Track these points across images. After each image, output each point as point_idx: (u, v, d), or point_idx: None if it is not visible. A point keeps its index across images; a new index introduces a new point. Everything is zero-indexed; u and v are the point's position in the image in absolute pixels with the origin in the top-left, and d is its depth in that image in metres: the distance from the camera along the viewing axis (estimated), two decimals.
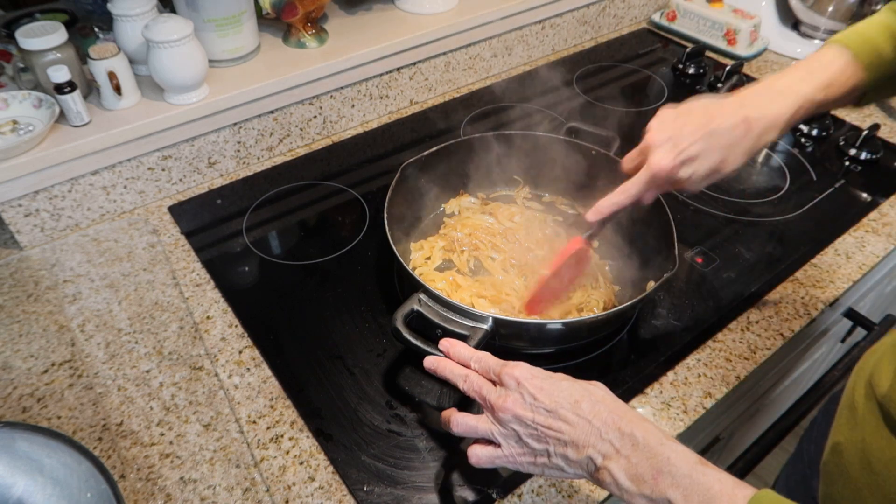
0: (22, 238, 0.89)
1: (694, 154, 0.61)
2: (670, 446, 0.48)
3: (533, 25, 1.26)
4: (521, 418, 0.51)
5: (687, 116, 0.63)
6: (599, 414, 0.50)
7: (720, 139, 0.61)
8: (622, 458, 0.48)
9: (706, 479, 0.45)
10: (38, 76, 0.86)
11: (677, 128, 0.62)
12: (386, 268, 0.87)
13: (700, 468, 0.46)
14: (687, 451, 0.48)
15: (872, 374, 0.56)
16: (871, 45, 0.63)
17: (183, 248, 0.90)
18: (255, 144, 1.03)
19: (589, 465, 0.50)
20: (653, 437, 0.49)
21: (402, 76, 1.14)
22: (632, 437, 0.49)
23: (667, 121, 0.64)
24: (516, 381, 0.53)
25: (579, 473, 0.51)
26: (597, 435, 0.49)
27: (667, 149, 0.62)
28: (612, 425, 0.49)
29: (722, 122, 0.62)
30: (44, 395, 0.72)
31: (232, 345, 0.77)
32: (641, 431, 0.49)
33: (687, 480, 0.46)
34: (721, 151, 0.62)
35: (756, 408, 1.09)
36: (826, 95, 0.63)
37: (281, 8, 0.99)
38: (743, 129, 0.61)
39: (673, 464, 0.47)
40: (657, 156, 0.62)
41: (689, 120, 0.62)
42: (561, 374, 0.54)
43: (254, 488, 0.64)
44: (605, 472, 0.48)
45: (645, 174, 0.64)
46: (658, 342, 0.78)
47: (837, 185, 1.02)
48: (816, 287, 0.86)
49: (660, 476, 0.46)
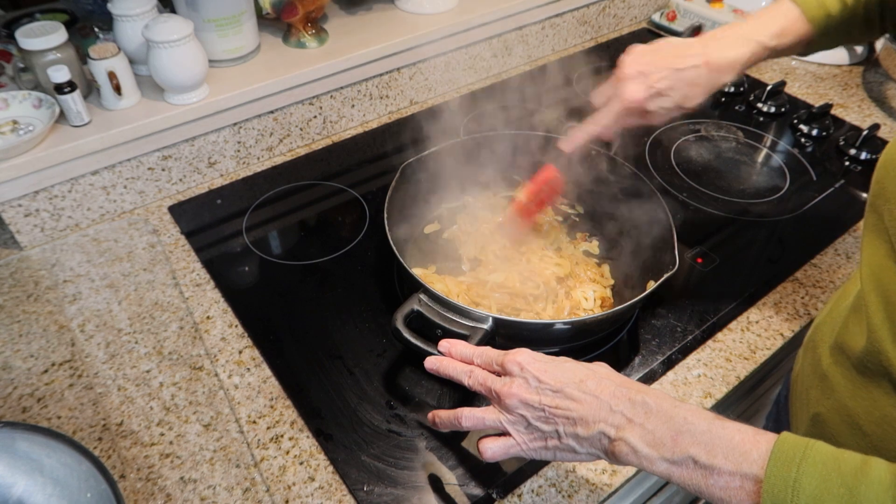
0: (22, 238, 0.89)
1: (662, 88, 0.67)
2: (684, 407, 0.48)
3: (533, 25, 1.26)
4: (528, 402, 0.51)
5: (655, 54, 0.69)
6: (606, 388, 0.50)
7: (684, 76, 0.68)
8: (636, 427, 0.48)
9: (726, 432, 0.45)
10: (38, 76, 0.86)
11: (647, 63, 0.68)
12: (386, 268, 0.87)
13: (718, 422, 0.46)
14: (701, 410, 0.48)
15: (839, 340, 0.56)
16: (818, 2, 0.70)
17: (183, 248, 0.90)
18: (255, 144, 1.03)
19: (602, 440, 0.49)
20: (665, 402, 0.49)
21: (402, 76, 1.14)
22: (644, 405, 0.49)
23: (638, 57, 0.69)
24: (520, 366, 0.53)
25: (592, 452, 0.50)
26: (606, 409, 0.49)
27: (639, 81, 0.67)
28: (622, 397, 0.49)
29: (687, 61, 0.68)
30: (44, 395, 0.72)
31: (232, 345, 0.77)
32: (653, 398, 0.49)
33: (707, 436, 0.46)
34: (685, 88, 0.68)
35: (756, 408, 1.09)
36: (778, 43, 0.70)
37: (281, 8, 0.99)
38: (705, 69, 0.68)
39: (691, 422, 0.47)
40: (630, 88, 0.67)
41: (658, 57, 0.68)
42: (563, 357, 0.54)
43: (254, 488, 0.64)
44: (621, 442, 0.48)
45: (617, 104, 0.69)
46: (658, 342, 0.78)
47: (837, 185, 1.02)
48: (816, 287, 0.86)
49: (679, 436, 0.46)
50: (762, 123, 1.17)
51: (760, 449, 0.44)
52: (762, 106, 1.19)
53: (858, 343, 0.53)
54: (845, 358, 0.55)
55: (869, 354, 0.51)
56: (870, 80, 1.28)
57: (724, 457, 0.44)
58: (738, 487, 0.43)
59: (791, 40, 0.70)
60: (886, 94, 1.24)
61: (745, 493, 0.43)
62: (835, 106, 1.19)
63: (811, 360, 0.63)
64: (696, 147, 1.11)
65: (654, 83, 0.67)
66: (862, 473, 0.40)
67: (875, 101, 1.23)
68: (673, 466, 0.46)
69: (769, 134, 1.14)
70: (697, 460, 0.45)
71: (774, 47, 0.70)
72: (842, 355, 0.56)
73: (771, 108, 1.18)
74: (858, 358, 0.53)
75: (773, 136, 1.14)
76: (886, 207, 0.49)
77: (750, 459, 0.43)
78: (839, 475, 0.41)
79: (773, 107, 1.18)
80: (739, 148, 1.11)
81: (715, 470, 0.44)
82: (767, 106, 1.18)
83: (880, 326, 0.49)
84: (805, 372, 0.64)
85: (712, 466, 0.44)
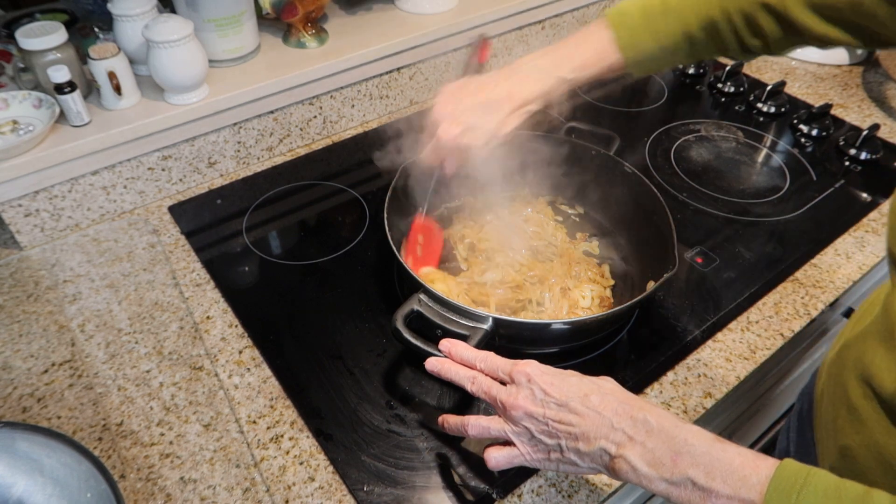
0: (22, 238, 0.89)
1: (471, 124, 0.71)
2: (686, 428, 0.48)
3: (533, 25, 1.26)
4: (533, 414, 0.52)
5: (461, 91, 0.72)
6: (609, 405, 0.50)
7: (491, 109, 0.71)
8: (637, 445, 0.48)
9: (726, 455, 0.45)
10: (39, 76, 0.86)
11: (455, 102, 0.71)
12: (386, 268, 0.87)
13: (718, 445, 0.46)
14: (702, 431, 0.48)
15: (867, 372, 0.55)
16: (630, 28, 0.72)
17: (183, 248, 0.90)
18: (255, 144, 1.03)
19: (602, 457, 0.49)
20: (667, 421, 0.49)
21: (402, 76, 1.14)
22: (645, 423, 0.49)
23: (447, 97, 0.72)
24: (527, 377, 0.53)
25: (593, 467, 0.51)
26: (608, 426, 0.49)
27: (449, 121, 0.71)
28: (624, 414, 0.49)
29: (491, 94, 0.71)
30: (44, 395, 0.72)
31: (232, 345, 0.77)
32: (654, 417, 0.49)
33: (707, 458, 0.45)
34: (494, 119, 0.71)
35: (756, 408, 1.09)
36: (578, 75, 0.73)
37: (281, 8, 0.99)
38: (507, 102, 0.71)
39: (691, 444, 0.47)
40: (442, 128, 0.71)
41: (464, 94, 0.72)
42: (570, 371, 0.54)
43: (254, 488, 0.64)
44: (621, 460, 0.48)
45: (434, 143, 0.72)
46: (658, 342, 0.78)
47: (837, 185, 1.02)
48: (816, 287, 0.86)
49: (679, 457, 0.46)
50: (762, 123, 1.17)
51: (760, 474, 0.43)
52: (762, 106, 1.19)
53: (888, 380, 0.51)
54: (874, 393, 0.54)
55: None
56: (870, 80, 1.28)
57: (722, 480, 0.44)
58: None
59: (596, 71, 0.73)
60: (886, 94, 1.24)
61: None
62: (835, 106, 1.19)
63: (836, 385, 0.61)
64: (696, 147, 1.11)
65: (463, 121, 0.70)
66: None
67: (875, 101, 1.23)
68: (672, 487, 0.46)
69: (769, 134, 1.14)
70: (696, 482, 0.45)
71: (575, 79, 0.73)
72: (870, 389, 0.54)
73: (771, 108, 1.18)
74: (889, 396, 0.52)
75: (773, 136, 1.14)
76: None
77: (749, 484, 0.43)
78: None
79: (773, 107, 1.18)
80: (739, 148, 1.11)
81: (713, 493, 0.44)
82: (767, 106, 1.18)
83: None
84: (829, 396, 0.63)
85: (710, 489, 0.44)
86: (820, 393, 0.67)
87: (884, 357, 0.53)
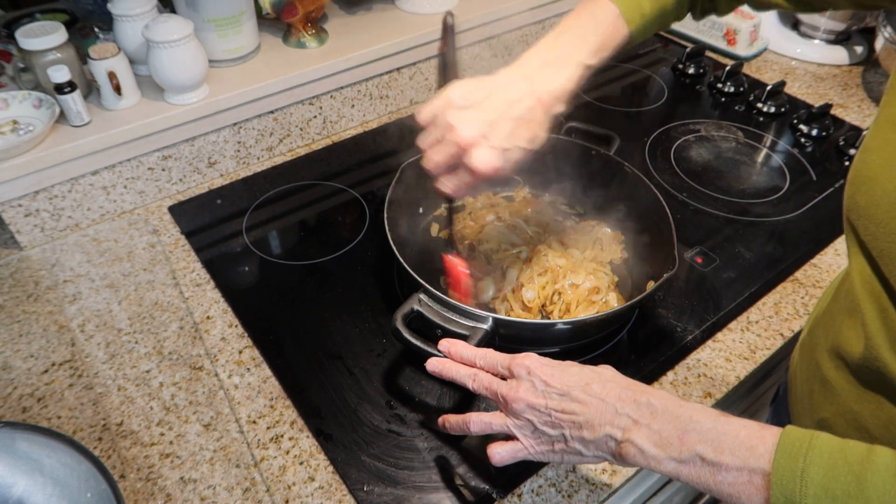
0: (22, 238, 0.89)
1: (510, 146, 0.61)
2: (689, 406, 0.49)
3: (533, 25, 1.26)
4: (535, 406, 0.52)
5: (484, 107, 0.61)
6: (612, 391, 0.51)
7: (523, 120, 0.61)
8: (643, 428, 0.48)
9: (731, 428, 0.46)
10: (39, 76, 0.86)
11: (484, 122, 0.60)
12: (386, 268, 0.87)
13: (723, 419, 0.47)
14: (706, 408, 0.48)
15: (835, 343, 0.56)
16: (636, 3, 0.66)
17: (183, 248, 0.90)
18: (255, 144, 1.03)
19: (608, 443, 0.49)
20: (670, 402, 0.49)
21: (402, 76, 1.14)
22: (649, 406, 0.49)
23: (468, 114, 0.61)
24: (527, 369, 0.53)
25: (599, 455, 0.51)
26: (612, 412, 0.49)
27: (486, 147, 0.60)
28: (627, 399, 0.50)
29: (521, 106, 0.61)
30: (44, 395, 0.72)
31: (232, 345, 0.77)
32: (658, 399, 0.49)
33: (713, 433, 0.46)
34: (526, 133, 0.61)
35: (756, 408, 1.09)
36: (598, 59, 0.66)
37: (281, 8, 0.99)
38: (539, 109, 0.62)
39: (696, 420, 0.47)
40: (481, 157, 0.59)
41: (491, 111, 0.61)
42: (569, 361, 0.55)
43: (254, 488, 0.64)
44: (628, 444, 0.48)
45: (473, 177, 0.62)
46: (658, 342, 0.78)
47: (837, 185, 1.02)
48: (816, 287, 0.86)
49: (686, 435, 0.47)
50: (762, 123, 1.17)
51: (766, 443, 0.44)
52: (762, 106, 1.19)
53: (856, 349, 0.53)
54: (844, 364, 0.55)
55: (867, 361, 0.51)
56: (870, 80, 1.28)
57: (730, 453, 0.45)
58: (747, 482, 0.44)
59: (610, 51, 0.66)
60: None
61: (754, 487, 0.43)
62: (835, 106, 1.19)
63: (809, 362, 0.63)
64: (696, 147, 1.11)
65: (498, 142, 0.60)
66: (868, 461, 0.41)
67: (875, 101, 1.22)
68: (681, 465, 0.46)
69: (769, 134, 1.14)
70: (705, 458, 0.45)
71: (595, 64, 0.66)
72: (841, 360, 0.56)
73: (771, 108, 1.18)
74: (857, 364, 0.53)
75: (773, 136, 1.14)
76: (860, 223, 0.50)
77: (757, 454, 0.44)
78: (846, 463, 0.41)
79: (773, 107, 1.18)
80: (739, 148, 1.11)
81: (723, 466, 0.45)
82: (767, 106, 1.18)
83: (876, 334, 0.49)
84: (803, 374, 0.64)
85: (720, 463, 0.45)
86: (793, 373, 0.68)
87: (850, 327, 0.54)
